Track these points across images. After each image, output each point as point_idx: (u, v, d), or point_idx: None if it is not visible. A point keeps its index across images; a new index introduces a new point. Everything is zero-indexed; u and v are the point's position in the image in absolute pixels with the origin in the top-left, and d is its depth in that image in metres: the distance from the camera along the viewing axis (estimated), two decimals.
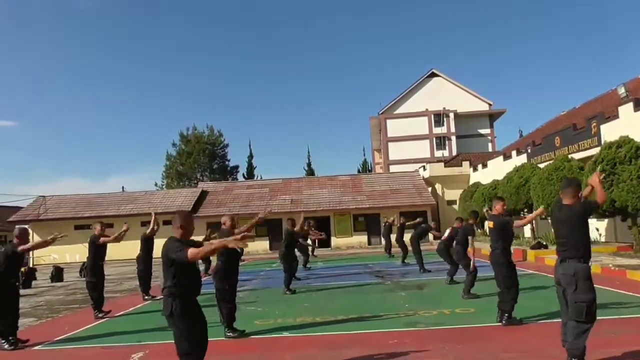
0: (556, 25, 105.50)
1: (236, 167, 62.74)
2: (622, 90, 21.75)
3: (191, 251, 4.26)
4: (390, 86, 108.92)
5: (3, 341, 7.26)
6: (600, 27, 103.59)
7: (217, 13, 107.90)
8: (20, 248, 7.34)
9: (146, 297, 11.72)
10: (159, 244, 10.31)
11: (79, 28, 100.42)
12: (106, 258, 9.93)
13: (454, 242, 10.81)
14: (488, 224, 7.50)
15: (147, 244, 11.99)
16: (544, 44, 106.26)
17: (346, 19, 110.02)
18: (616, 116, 18.55)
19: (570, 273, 4.51)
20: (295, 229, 12.15)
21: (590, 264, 4.60)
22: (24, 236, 7.69)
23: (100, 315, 9.48)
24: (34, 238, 31.96)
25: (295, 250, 13.39)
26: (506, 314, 6.85)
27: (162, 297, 4.55)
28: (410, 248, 15.24)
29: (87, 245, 9.72)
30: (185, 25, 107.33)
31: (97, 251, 9.54)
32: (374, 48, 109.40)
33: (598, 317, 4.63)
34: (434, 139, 48.23)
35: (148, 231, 11.92)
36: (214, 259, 17.78)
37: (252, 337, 7.06)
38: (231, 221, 7.52)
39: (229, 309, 7.17)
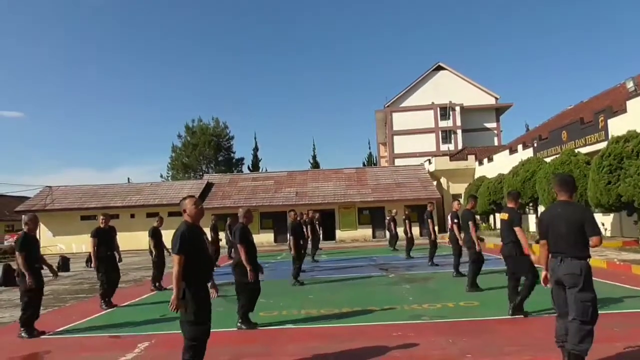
0: (564, 19, 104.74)
1: (241, 159, 62.92)
2: (630, 84, 21.60)
3: (175, 261, 4.50)
4: (396, 79, 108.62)
5: (23, 329, 7.34)
6: (609, 20, 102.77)
7: (223, 5, 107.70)
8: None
9: (152, 288, 11.80)
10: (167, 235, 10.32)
11: (86, 19, 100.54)
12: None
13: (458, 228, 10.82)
14: (501, 216, 7.45)
15: (155, 237, 11.98)
16: (552, 37, 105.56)
17: (352, 12, 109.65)
18: (624, 110, 18.43)
19: (576, 272, 4.39)
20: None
21: (589, 260, 4.54)
22: (33, 223, 7.73)
23: (104, 307, 9.51)
24: (41, 228, 32.23)
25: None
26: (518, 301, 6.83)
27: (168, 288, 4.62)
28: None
29: None
30: (191, 17, 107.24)
31: (102, 241, 9.55)
32: (380, 41, 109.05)
33: (604, 312, 4.60)
34: (440, 132, 48.08)
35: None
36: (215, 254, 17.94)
37: (257, 328, 7.09)
38: (248, 214, 7.51)
39: (245, 302, 7.18)
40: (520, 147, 28.19)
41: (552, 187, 4.84)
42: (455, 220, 11.13)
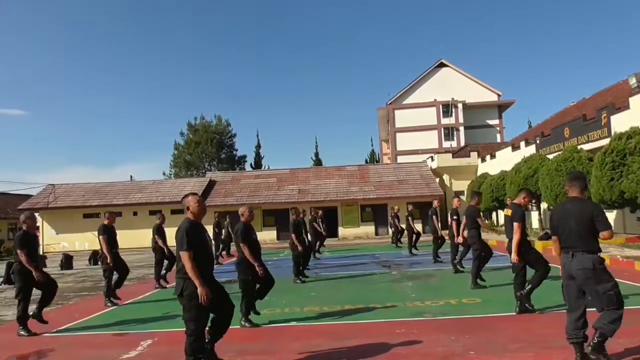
0: (566, 15, 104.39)
1: (244, 156, 62.96)
2: (632, 81, 21.54)
3: (185, 258, 4.57)
4: (399, 77, 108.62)
5: (21, 327, 7.37)
6: (612, 16, 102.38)
7: (226, 3, 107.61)
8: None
9: (156, 285, 11.81)
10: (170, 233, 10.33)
11: (88, 17, 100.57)
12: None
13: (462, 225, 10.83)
14: (505, 212, 7.42)
15: (159, 234, 11.96)
16: (554, 34, 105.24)
17: (354, 10, 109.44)
18: (627, 107, 18.38)
19: (589, 267, 4.46)
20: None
21: (600, 254, 4.59)
22: (31, 220, 7.76)
23: (109, 304, 9.55)
24: (44, 226, 32.36)
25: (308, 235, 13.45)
26: (525, 303, 6.82)
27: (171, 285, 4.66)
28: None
29: (95, 233, 9.80)
30: (193, 15, 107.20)
31: (108, 239, 9.58)
32: (383, 38, 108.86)
33: None
34: (442, 129, 48.01)
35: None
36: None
37: (259, 326, 7.10)
38: (249, 213, 7.48)
39: (248, 300, 7.17)
40: (522, 143, 28.14)
41: (564, 185, 4.88)
42: (455, 217, 11.08)
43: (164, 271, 12.13)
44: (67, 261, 19.42)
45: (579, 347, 4.55)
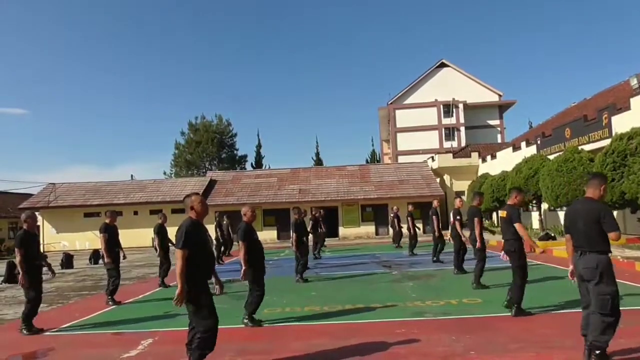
0: (566, 15, 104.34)
1: (244, 156, 62.83)
2: (634, 82, 21.53)
3: (179, 256, 4.57)
4: (400, 77, 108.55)
5: (24, 325, 7.38)
6: (613, 16, 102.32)
7: (227, 2, 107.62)
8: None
9: (159, 284, 11.81)
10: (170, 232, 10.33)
11: (89, 17, 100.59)
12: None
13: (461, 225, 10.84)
14: (501, 214, 7.44)
15: (160, 234, 11.94)
16: (555, 34, 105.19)
17: (355, 9, 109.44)
18: (628, 108, 18.36)
19: (592, 266, 4.51)
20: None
21: (609, 255, 4.60)
22: (32, 220, 7.77)
23: (110, 302, 9.56)
24: (44, 225, 32.37)
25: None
26: (515, 305, 6.83)
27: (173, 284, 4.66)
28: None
29: (96, 232, 9.80)
30: (193, 15, 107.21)
31: (109, 238, 9.59)
32: (384, 38, 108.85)
33: None
34: (443, 129, 48.00)
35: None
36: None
37: (262, 326, 7.09)
38: (252, 213, 7.45)
39: (255, 297, 7.14)
40: (523, 144, 28.11)
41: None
42: (458, 218, 11.06)
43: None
44: (67, 260, 19.42)
45: (588, 342, 4.58)
